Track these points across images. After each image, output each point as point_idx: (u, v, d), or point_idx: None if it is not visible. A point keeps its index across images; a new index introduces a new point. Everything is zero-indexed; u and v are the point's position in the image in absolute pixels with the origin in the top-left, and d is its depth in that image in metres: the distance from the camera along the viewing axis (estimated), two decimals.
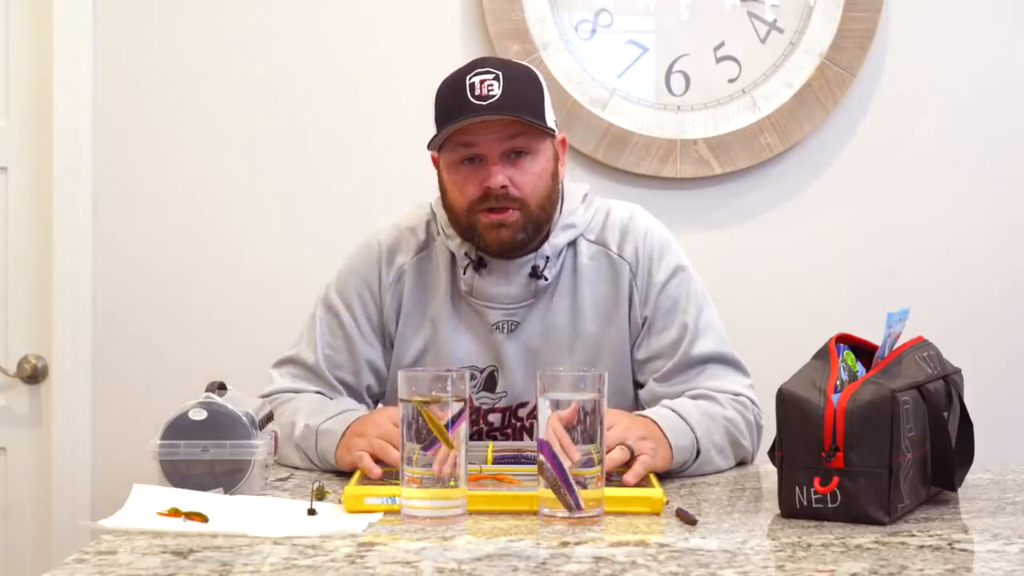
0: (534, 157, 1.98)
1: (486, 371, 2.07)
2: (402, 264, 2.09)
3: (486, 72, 1.95)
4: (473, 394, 2.06)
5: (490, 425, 2.09)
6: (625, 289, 2.06)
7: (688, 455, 1.91)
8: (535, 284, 2.04)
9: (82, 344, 2.85)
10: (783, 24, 2.84)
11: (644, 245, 2.08)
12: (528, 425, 2.08)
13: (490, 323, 2.05)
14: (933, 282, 2.86)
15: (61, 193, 2.84)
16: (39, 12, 2.85)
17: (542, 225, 2.02)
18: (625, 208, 2.13)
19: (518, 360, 2.05)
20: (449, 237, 2.06)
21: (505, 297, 2.04)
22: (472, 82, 1.94)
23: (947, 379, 1.81)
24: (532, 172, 1.97)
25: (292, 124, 2.87)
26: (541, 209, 2.00)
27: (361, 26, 2.86)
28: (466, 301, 2.06)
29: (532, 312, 2.05)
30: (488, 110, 1.92)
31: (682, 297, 2.07)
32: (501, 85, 1.93)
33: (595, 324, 2.06)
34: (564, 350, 2.05)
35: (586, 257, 2.07)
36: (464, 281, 2.04)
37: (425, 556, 1.45)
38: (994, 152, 2.87)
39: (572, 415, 1.59)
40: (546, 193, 2.00)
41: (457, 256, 2.05)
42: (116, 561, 1.42)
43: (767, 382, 1.80)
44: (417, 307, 2.08)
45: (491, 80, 1.93)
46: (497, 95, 1.92)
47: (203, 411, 1.76)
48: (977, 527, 1.63)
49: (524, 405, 2.08)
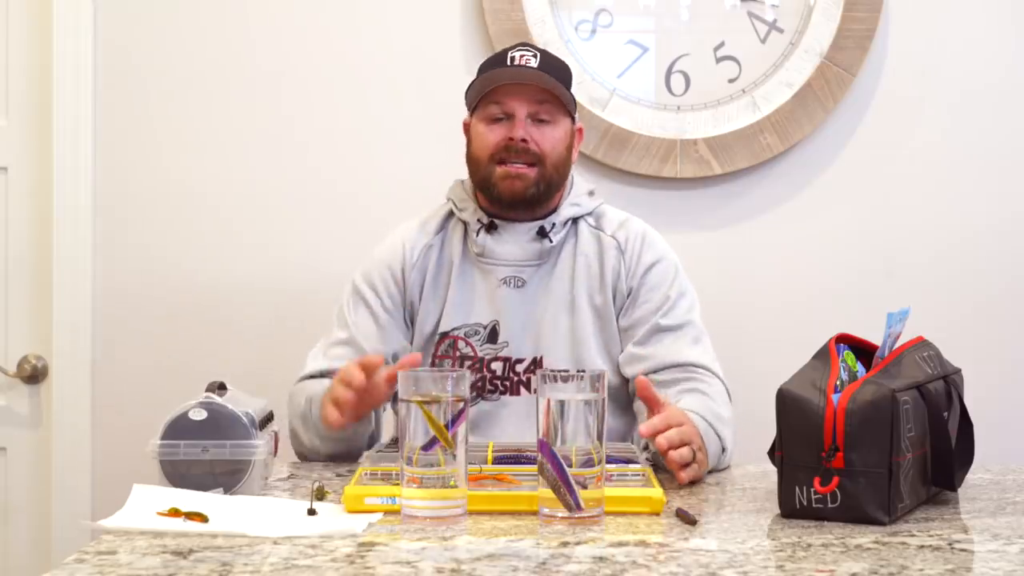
0: (554, 126, 2.21)
1: (489, 326, 2.23)
2: (424, 244, 2.27)
3: (526, 49, 2.23)
4: (477, 347, 2.22)
5: (492, 372, 2.22)
6: (611, 263, 2.24)
7: (714, 462, 2.04)
8: (541, 246, 2.23)
9: (82, 344, 2.85)
10: (783, 24, 2.84)
11: (637, 234, 2.27)
12: (525, 379, 2.22)
13: (498, 279, 2.23)
14: (933, 282, 2.86)
15: (61, 193, 2.84)
16: (39, 12, 2.85)
17: (552, 187, 2.22)
18: (624, 213, 2.33)
19: (520, 316, 2.22)
20: (462, 210, 2.26)
21: (513, 256, 2.23)
22: (513, 55, 2.21)
23: (947, 379, 1.81)
24: (551, 136, 2.20)
25: (292, 124, 2.87)
26: (555, 169, 2.21)
27: (361, 26, 2.86)
28: (476, 264, 2.24)
29: (537, 273, 2.24)
30: (524, 75, 2.17)
31: (668, 279, 2.25)
32: (538, 61, 2.20)
33: (588, 292, 2.23)
34: (560, 311, 2.22)
35: (586, 234, 2.27)
36: (476, 244, 2.23)
37: (425, 556, 1.45)
38: (994, 152, 2.87)
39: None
40: (561, 159, 2.22)
41: (470, 224, 2.24)
42: (116, 561, 1.42)
43: (767, 382, 1.80)
44: (436, 279, 2.26)
45: (530, 56, 2.21)
46: (534, 66, 2.19)
47: (203, 411, 1.76)
48: (977, 527, 1.63)
49: (521, 361, 2.22)
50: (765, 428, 1.80)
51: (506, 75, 2.18)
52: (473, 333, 2.22)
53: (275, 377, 2.75)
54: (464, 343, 2.21)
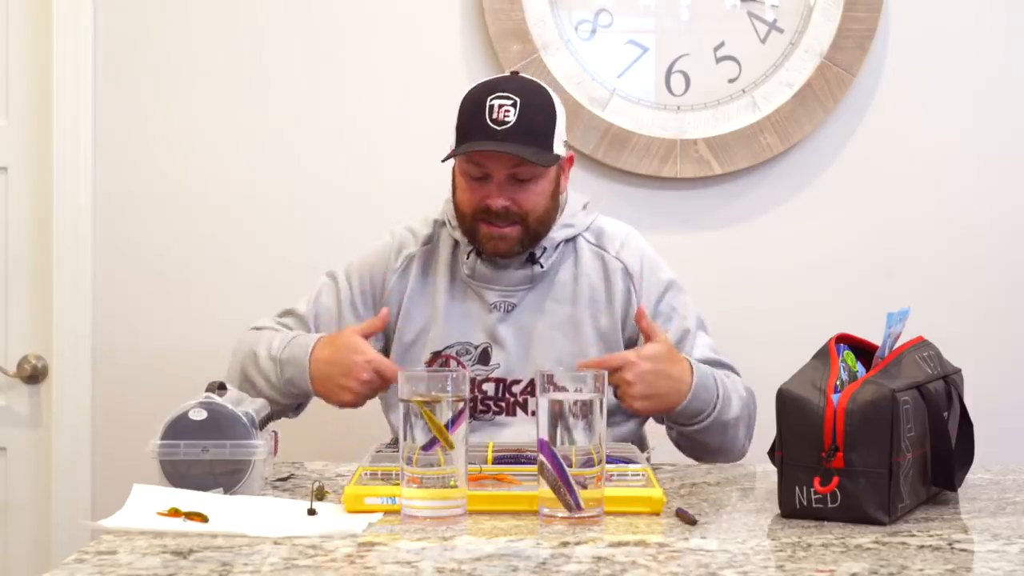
0: (536, 181, 2.14)
1: (480, 347, 2.20)
2: (410, 253, 2.25)
3: (505, 97, 2.09)
4: (468, 366, 2.19)
5: (484, 394, 2.20)
6: (620, 288, 2.21)
7: (710, 396, 2.08)
8: (532, 271, 2.19)
9: (82, 344, 2.85)
10: (783, 24, 2.84)
11: (643, 256, 2.25)
12: (522, 401, 2.18)
13: (488, 303, 2.20)
14: (933, 282, 2.86)
15: (61, 193, 2.84)
16: (39, 12, 2.85)
17: (539, 236, 2.18)
18: (621, 225, 2.30)
19: (512, 339, 2.19)
20: (455, 228, 2.22)
21: (504, 280, 2.20)
22: (491, 104, 2.09)
23: (947, 379, 1.81)
24: (534, 193, 2.13)
25: (292, 124, 2.87)
26: (540, 224, 2.16)
27: (361, 26, 2.86)
28: (467, 284, 2.21)
29: (529, 296, 2.20)
30: (500, 138, 2.07)
31: (680, 306, 2.24)
32: (517, 112, 2.08)
33: (590, 313, 2.20)
34: (559, 333, 2.19)
35: (587, 254, 2.23)
36: (467, 265, 2.20)
37: (425, 556, 1.45)
38: (994, 152, 2.87)
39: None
40: (545, 210, 2.16)
41: (461, 244, 2.21)
42: (116, 561, 1.42)
43: (767, 382, 1.80)
44: (422, 290, 2.23)
45: (508, 106, 2.08)
46: (511, 122, 2.07)
47: (203, 411, 1.76)
48: (977, 527, 1.63)
49: (518, 382, 2.19)
50: (765, 428, 1.80)
51: (484, 143, 2.07)
52: (464, 352, 2.20)
53: None
54: (456, 363, 2.19)
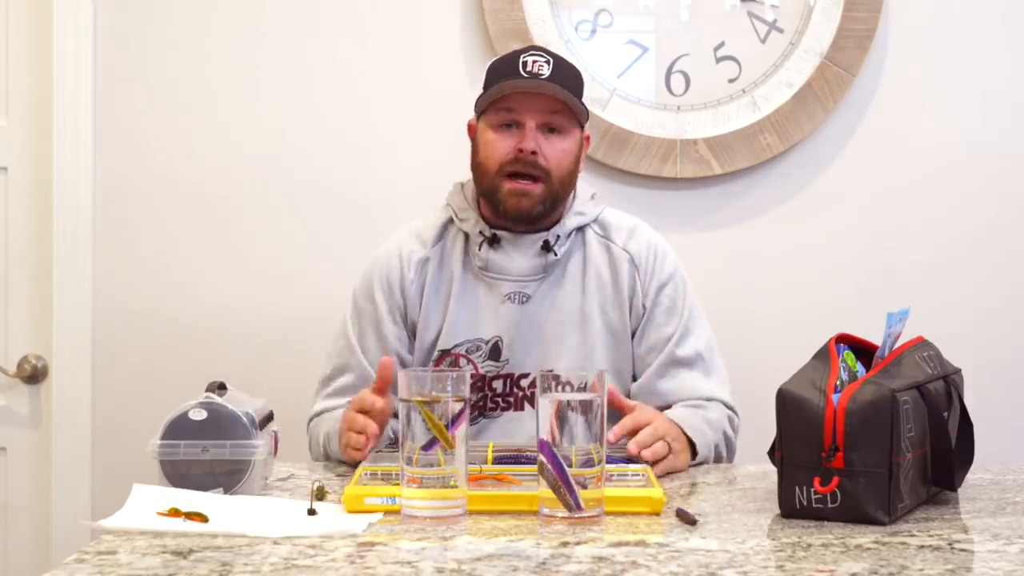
0: (564, 137, 2.16)
1: (491, 342, 2.19)
2: (422, 257, 2.22)
3: (539, 55, 2.17)
4: (478, 363, 2.18)
5: (493, 391, 2.19)
6: (626, 278, 2.22)
7: (706, 454, 2.09)
8: (545, 259, 2.19)
9: (82, 344, 2.85)
10: (783, 24, 2.84)
11: (648, 246, 2.25)
12: (529, 395, 2.18)
13: (502, 294, 2.19)
14: (933, 282, 2.86)
15: (61, 193, 2.84)
16: (39, 12, 2.85)
17: (559, 202, 2.18)
18: (629, 217, 2.30)
19: (524, 331, 2.18)
20: (463, 220, 2.21)
21: (517, 270, 2.19)
22: (525, 60, 2.15)
23: (947, 379, 1.81)
24: (560, 148, 2.15)
25: (292, 124, 2.86)
26: (561, 185, 2.16)
27: (361, 26, 2.86)
28: (479, 277, 2.20)
29: (542, 287, 2.20)
30: (540, 85, 2.11)
31: (679, 298, 2.24)
32: (551, 68, 2.14)
33: (599, 305, 2.20)
34: (570, 326, 2.19)
35: (595, 245, 2.23)
36: (479, 257, 2.19)
37: (425, 556, 1.45)
38: (994, 152, 2.87)
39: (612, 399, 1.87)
40: (568, 172, 2.17)
41: (472, 235, 2.20)
42: (116, 561, 1.42)
43: (767, 382, 1.80)
44: (437, 291, 2.21)
45: (543, 62, 2.15)
46: (546, 74, 2.13)
47: (203, 411, 1.76)
48: (977, 527, 1.63)
49: (526, 376, 2.19)
50: (765, 428, 1.80)
51: (522, 84, 2.12)
52: (475, 349, 2.18)
53: (275, 377, 2.76)
54: (465, 360, 2.19)
